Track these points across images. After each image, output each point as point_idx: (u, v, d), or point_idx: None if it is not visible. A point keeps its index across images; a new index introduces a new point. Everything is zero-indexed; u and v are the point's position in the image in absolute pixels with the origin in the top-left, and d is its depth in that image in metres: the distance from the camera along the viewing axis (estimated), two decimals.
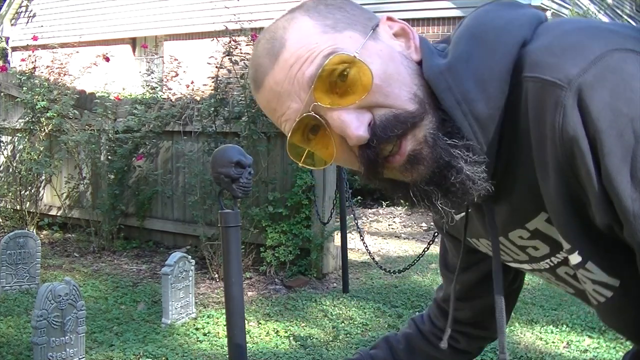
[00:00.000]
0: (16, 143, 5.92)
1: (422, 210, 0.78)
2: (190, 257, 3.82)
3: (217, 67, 4.58)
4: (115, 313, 3.78)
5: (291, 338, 3.41)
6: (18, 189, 5.79)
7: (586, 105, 0.64)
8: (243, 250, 4.27)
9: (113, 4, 12.45)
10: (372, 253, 4.30)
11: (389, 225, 6.80)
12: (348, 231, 4.40)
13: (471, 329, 1.12)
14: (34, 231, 5.36)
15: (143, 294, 4.18)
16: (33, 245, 4.20)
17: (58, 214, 5.97)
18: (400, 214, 7.23)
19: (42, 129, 5.61)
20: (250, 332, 3.45)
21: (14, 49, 13.58)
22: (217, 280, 4.47)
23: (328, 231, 4.49)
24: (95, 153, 5.41)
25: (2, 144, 6.05)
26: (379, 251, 5.57)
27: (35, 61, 5.79)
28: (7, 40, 13.99)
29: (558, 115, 0.66)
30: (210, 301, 4.08)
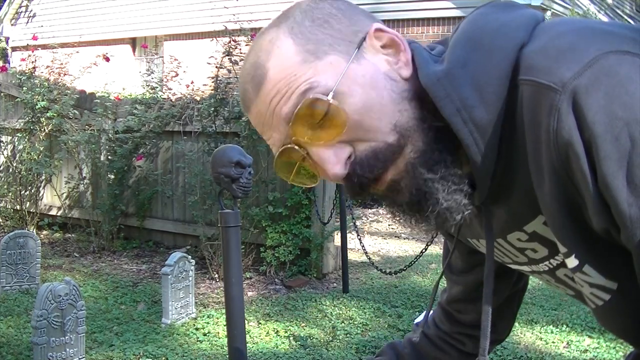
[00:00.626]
0: (16, 143, 5.92)
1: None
2: (190, 257, 3.82)
3: (217, 67, 4.58)
4: (115, 313, 3.78)
5: (291, 338, 3.41)
6: (18, 189, 5.79)
7: (581, 109, 0.64)
8: (243, 250, 4.26)
9: (113, 4, 12.46)
10: (373, 253, 4.30)
11: (389, 225, 6.80)
12: (348, 231, 4.40)
13: (477, 332, 1.11)
14: (34, 231, 5.35)
15: (143, 294, 4.18)
16: (33, 245, 4.20)
17: (58, 214, 5.97)
18: None
19: (42, 129, 5.61)
20: (250, 332, 3.45)
21: (14, 49, 13.59)
22: (217, 280, 4.47)
23: (328, 231, 4.49)
24: (95, 153, 5.41)
25: (2, 144, 6.05)
26: (379, 251, 5.57)
27: (35, 61, 5.79)
28: (7, 40, 13.99)
29: (553, 119, 0.66)
30: (210, 301, 4.08)
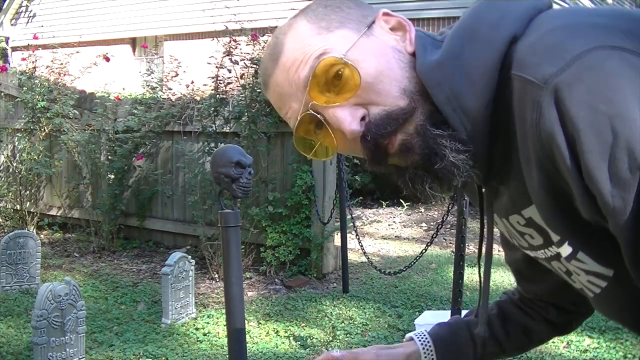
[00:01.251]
0: (16, 143, 5.92)
1: (420, 193, 0.84)
2: (190, 257, 3.82)
3: (217, 67, 4.58)
4: (115, 313, 3.79)
5: (291, 338, 3.41)
6: (18, 189, 5.80)
7: (563, 104, 0.66)
8: (243, 250, 4.26)
9: (113, 4, 12.45)
10: (373, 253, 4.30)
11: (389, 225, 6.80)
12: (348, 231, 4.40)
13: (557, 300, 1.12)
14: (34, 231, 5.36)
15: (143, 294, 4.18)
16: (33, 245, 4.20)
17: (58, 214, 5.97)
18: (400, 214, 7.23)
19: (42, 129, 5.61)
20: (250, 332, 3.45)
21: (14, 49, 13.58)
22: (217, 280, 4.47)
23: (328, 231, 4.49)
24: (95, 153, 5.41)
25: (2, 144, 6.05)
26: (379, 251, 5.57)
27: (35, 61, 5.80)
28: (7, 40, 13.99)
29: (535, 114, 0.68)
30: (210, 301, 4.08)
